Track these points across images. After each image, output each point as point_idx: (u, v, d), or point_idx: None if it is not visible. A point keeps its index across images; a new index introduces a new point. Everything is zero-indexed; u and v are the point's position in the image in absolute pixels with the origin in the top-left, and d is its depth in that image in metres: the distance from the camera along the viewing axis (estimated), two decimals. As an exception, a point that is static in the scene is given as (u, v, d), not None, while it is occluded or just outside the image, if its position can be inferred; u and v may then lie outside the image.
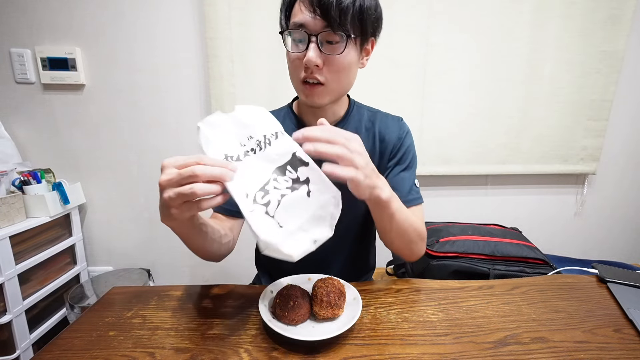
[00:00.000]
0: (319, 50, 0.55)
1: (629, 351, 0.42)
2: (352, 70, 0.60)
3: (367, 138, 0.69)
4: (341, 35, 0.54)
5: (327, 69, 0.57)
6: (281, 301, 0.47)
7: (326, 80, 0.58)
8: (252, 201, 0.43)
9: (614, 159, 1.51)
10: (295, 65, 0.58)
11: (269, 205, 0.43)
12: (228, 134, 0.47)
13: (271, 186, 0.45)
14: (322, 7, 0.52)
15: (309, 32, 0.54)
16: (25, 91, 1.34)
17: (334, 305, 0.46)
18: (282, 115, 0.72)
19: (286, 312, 0.46)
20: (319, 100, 0.60)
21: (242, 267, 1.34)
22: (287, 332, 0.44)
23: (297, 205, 0.44)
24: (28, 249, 1.20)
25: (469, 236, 1.09)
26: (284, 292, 0.48)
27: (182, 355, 0.42)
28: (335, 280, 0.50)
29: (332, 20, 0.52)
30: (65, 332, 0.48)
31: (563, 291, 0.57)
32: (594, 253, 1.59)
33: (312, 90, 0.59)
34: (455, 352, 0.42)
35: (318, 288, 0.48)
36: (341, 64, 0.57)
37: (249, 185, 0.44)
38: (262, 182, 0.45)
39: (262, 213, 0.42)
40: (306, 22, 0.54)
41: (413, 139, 0.72)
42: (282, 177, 0.46)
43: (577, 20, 1.32)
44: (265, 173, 0.46)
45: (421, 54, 1.35)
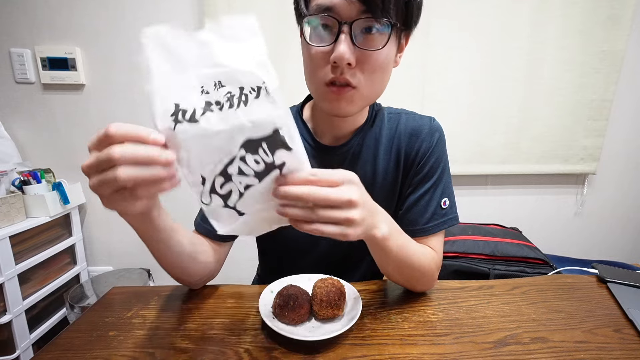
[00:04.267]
0: (352, 44, 0.42)
1: (629, 351, 0.42)
2: (388, 71, 0.48)
3: (388, 150, 0.58)
4: (384, 24, 0.42)
5: (360, 68, 0.44)
6: (281, 301, 0.47)
7: (359, 84, 0.45)
8: (209, 190, 0.34)
9: (614, 159, 1.51)
10: (317, 63, 0.45)
11: (229, 198, 0.35)
12: (187, 69, 0.33)
13: (235, 168, 0.34)
14: None
15: (340, 19, 0.42)
16: (25, 91, 1.34)
17: (333, 305, 0.46)
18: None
19: (286, 312, 0.46)
20: (348, 107, 0.48)
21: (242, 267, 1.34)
22: (287, 332, 0.44)
23: (264, 197, 0.36)
24: (28, 249, 1.20)
25: (469, 236, 1.09)
26: (284, 292, 0.48)
27: (182, 355, 0.42)
28: (335, 280, 0.49)
29: (373, 5, 0.40)
30: (65, 332, 0.48)
31: (563, 291, 0.57)
32: (594, 253, 1.59)
33: (340, 95, 0.46)
34: (455, 352, 0.42)
35: (318, 288, 0.48)
36: (379, 62, 0.45)
37: (206, 163, 0.33)
38: (224, 160, 0.34)
39: (220, 206, 0.36)
40: (337, 6, 0.41)
41: (445, 143, 0.59)
42: (252, 156, 0.34)
43: (577, 20, 1.32)
44: (230, 146, 0.33)
45: (421, 54, 1.35)
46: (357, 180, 0.37)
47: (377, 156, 0.58)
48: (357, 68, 0.44)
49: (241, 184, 0.35)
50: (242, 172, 0.34)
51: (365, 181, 0.54)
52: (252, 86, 0.33)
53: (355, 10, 0.41)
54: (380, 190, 0.58)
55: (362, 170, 0.58)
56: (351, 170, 0.51)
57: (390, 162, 0.58)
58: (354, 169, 0.54)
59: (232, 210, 0.36)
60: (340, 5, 0.41)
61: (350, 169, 0.54)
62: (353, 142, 0.57)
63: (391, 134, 0.59)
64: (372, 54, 0.44)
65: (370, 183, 0.57)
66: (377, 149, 0.58)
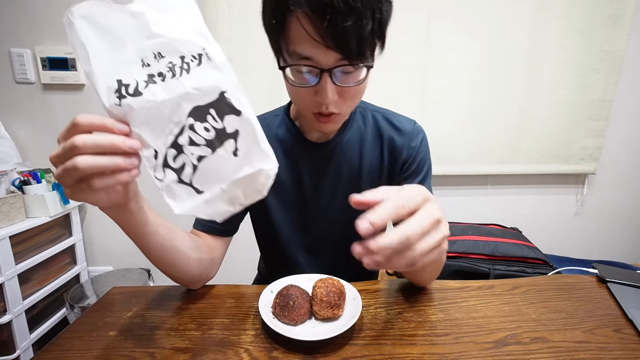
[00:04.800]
0: (334, 85, 0.45)
1: (629, 351, 0.42)
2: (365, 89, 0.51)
3: (374, 145, 0.62)
4: (361, 66, 0.44)
5: (342, 99, 0.48)
6: (281, 301, 0.47)
7: (341, 110, 0.50)
8: (162, 164, 0.34)
9: (614, 159, 1.51)
10: (303, 98, 0.49)
11: (182, 172, 0.34)
12: (124, 44, 0.32)
13: (186, 138, 0.33)
14: (336, 40, 0.40)
15: (320, 67, 0.43)
16: (25, 91, 1.35)
17: (333, 305, 0.46)
18: (278, 122, 0.63)
19: (286, 312, 0.46)
20: (335, 127, 0.53)
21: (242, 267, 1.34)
22: (287, 332, 0.44)
23: (221, 169, 0.35)
24: (28, 249, 1.20)
25: (469, 236, 1.09)
26: (283, 292, 0.48)
27: (182, 355, 0.42)
28: (335, 280, 0.50)
29: (349, 52, 0.42)
30: (65, 332, 0.48)
31: (563, 291, 0.57)
32: (594, 253, 1.59)
33: (327, 122, 0.50)
34: (455, 352, 0.42)
35: (318, 288, 0.48)
36: (359, 91, 0.49)
37: (157, 135, 0.33)
38: (174, 130, 0.33)
39: (174, 182, 0.34)
40: (315, 55, 0.42)
41: (428, 144, 0.64)
42: (202, 124, 0.33)
43: (577, 20, 1.32)
44: (177, 115, 0.33)
45: (421, 54, 1.35)
46: (427, 192, 0.33)
47: (363, 151, 0.62)
48: (340, 100, 0.48)
49: (193, 155, 0.34)
50: (193, 142, 0.34)
51: (352, 174, 0.60)
52: (192, 54, 0.33)
53: (333, 58, 0.43)
54: (366, 183, 0.62)
55: (349, 164, 0.61)
56: (338, 164, 0.58)
57: (375, 157, 0.62)
58: (341, 162, 0.61)
59: (189, 187, 0.35)
60: (319, 55, 0.42)
61: (337, 163, 0.59)
62: (339, 138, 0.61)
63: (376, 131, 0.62)
64: (353, 87, 0.47)
65: (357, 177, 0.61)
66: (363, 144, 0.62)
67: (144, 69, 0.32)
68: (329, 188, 0.62)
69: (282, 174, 0.62)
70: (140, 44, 0.32)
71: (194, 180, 0.35)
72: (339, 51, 0.42)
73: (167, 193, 0.35)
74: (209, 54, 0.33)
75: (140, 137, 0.33)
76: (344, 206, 0.61)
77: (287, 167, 0.62)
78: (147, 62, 0.32)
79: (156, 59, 0.32)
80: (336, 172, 0.62)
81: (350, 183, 0.62)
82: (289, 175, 0.62)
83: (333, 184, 0.62)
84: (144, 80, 0.32)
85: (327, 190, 0.63)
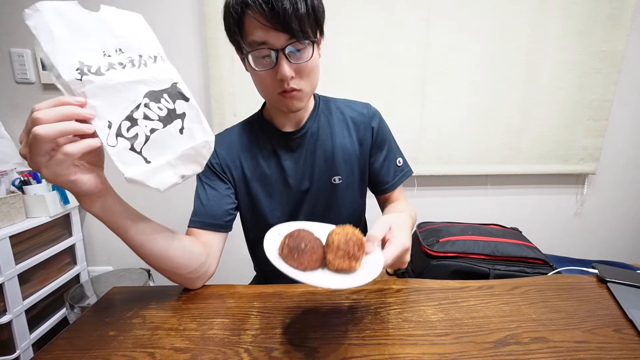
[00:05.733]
0: (289, 62, 0.55)
1: (629, 351, 0.42)
2: (318, 68, 0.62)
3: (342, 128, 0.71)
4: (306, 43, 0.55)
5: (299, 76, 0.58)
6: (291, 242, 0.41)
7: (301, 86, 0.59)
8: (115, 134, 0.38)
9: (614, 159, 1.51)
10: (267, 82, 0.58)
11: (135, 140, 0.39)
12: (89, 36, 0.38)
13: (141, 114, 0.39)
14: (280, 21, 0.51)
15: (274, 48, 0.53)
16: (25, 91, 1.34)
17: (351, 255, 0.40)
18: (256, 124, 0.72)
19: (295, 255, 0.40)
20: (300, 104, 0.61)
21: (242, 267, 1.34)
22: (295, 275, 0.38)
23: (168, 142, 0.41)
24: (28, 249, 1.20)
25: (469, 236, 1.09)
26: (295, 233, 0.42)
27: (182, 355, 0.42)
28: (356, 230, 0.43)
29: (294, 31, 0.52)
30: (65, 332, 0.48)
31: (563, 291, 0.57)
32: (594, 253, 1.59)
33: (292, 98, 0.59)
34: (455, 352, 0.42)
35: (335, 234, 0.42)
36: (311, 67, 0.58)
37: (112, 109, 0.37)
38: (129, 107, 0.38)
39: (126, 149, 0.38)
40: (269, 39, 0.53)
41: (384, 120, 0.74)
42: (156, 104, 0.40)
43: (577, 20, 1.32)
44: (134, 94, 0.39)
45: (421, 54, 1.35)
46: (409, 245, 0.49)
47: (333, 134, 0.70)
48: (297, 77, 0.58)
49: (147, 127, 0.39)
50: (147, 117, 0.39)
51: (326, 155, 0.70)
52: (149, 54, 0.41)
53: (283, 39, 0.53)
54: (342, 161, 0.70)
55: (323, 146, 0.70)
56: (313, 148, 0.69)
57: (344, 137, 0.71)
58: (315, 147, 0.70)
59: (139, 156, 0.39)
60: (271, 38, 0.53)
61: (312, 147, 0.70)
62: (309, 125, 0.70)
63: (340, 116, 0.72)
64: (305, 64, 0.57)
65: (331, 157, 0.70)
66: (332, 128, 0.71)
67: (105, 58, 0.38)
68: (308, 171, 0.70)
69: (266, 167, 0.69)
70: (102, 39, 0.38)
71: (144, 150, 0.39)
72: (285, 31, 0.52)
73: (119, 158, 0.38)
74: (163, 57, 0.42)
75: (94, 108, 0.37)
76: (323, 185, 0.71)
77: (269, 159, 0.69)
78: (108, 53, 0.38)
79: (117, 53, 0.39)
80: (312, 155, 0.70)
81: (326, 163, 0.70)
82: (271, 166, 0.69)
83: (311, 167, 0.70)
84: (106, 65, 0.37)
85: (307, 173, 0.70)
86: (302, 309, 0.52)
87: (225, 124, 1.32)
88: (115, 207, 0.46)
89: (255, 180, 0.69)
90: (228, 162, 0.69)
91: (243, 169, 0.69)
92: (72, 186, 0.40)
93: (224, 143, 0.70)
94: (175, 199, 1.40)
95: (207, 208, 0.64)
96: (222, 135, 0.72)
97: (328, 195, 0.71)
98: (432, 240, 1.09)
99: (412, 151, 1.43)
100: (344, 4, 1.29)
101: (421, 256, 1.08)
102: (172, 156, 0.41)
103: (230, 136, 0.71)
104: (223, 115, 1.36)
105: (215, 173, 0.68)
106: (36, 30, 0.34)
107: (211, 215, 0.64)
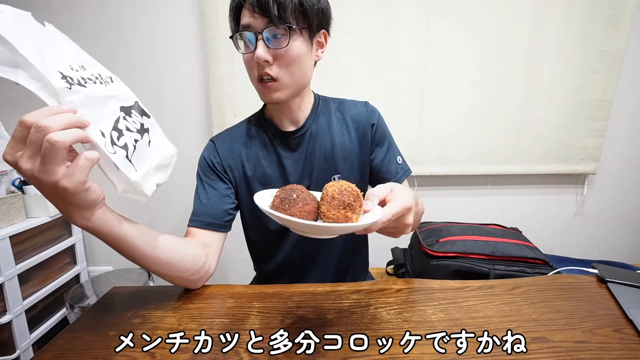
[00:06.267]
0: (266, 47, 0.56)
1: (629, 351, 0.42)
2: (304, 63, 0.60)
3: (341, 127, 0.71)
4: (284, 29, 0.55)
5: (277, 64, 0.58)
6: (283, 194, 0.39)
7: (278, 75, 0.58)
8: (111, 142, 0.39)
9: (614, 159, 1.51)
10: (250, 65, 0.59)
11: (127, 149, 0.41)
12: (54, 48, 0.38)
13: (123, 125, 0.41)
14: (260, 6, 0.54)
15: (255, 31, 0.56)
16: (26, 91, 1.34)
17: (347, 205, 0.38)
18: (257, 123, 0.72)
19: (287, 205, 0.38)
20: (276, 95, 0.60)
21: (242, 267, 1.34)
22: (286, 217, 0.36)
23: (145, 153, 0.44)
24: (28, 249, 1.20)
25: (469, 236, 1.09)
26: (287, 187, 0.41)
27: (182, 355, 0.42)
28: (351, 184, 0.41)
29: (272, 16, 0.54)
30: (65, 332, 0.48)
31: (563, 291, 0.57)
32: (594, 253, 1.59)
33: (267, 88, 0.59)
34: (455, 352, 0.42)
35: (329, 187, 0.40)
36: (290, 57, 0.57)
37: (101, 119, 0.39)
38: (112, 118, 0.40)
39: (123, 157, 0.40)
40: (251, 23, 0.56)
41: (383, 118, 0.75)
42: (130, 117, 0.43)
43: (577, 20, 1.32)
44: (112, 107, 0.41)
45: (421, 54, 1.35)
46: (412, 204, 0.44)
47: (333, 132, 0.71)
48: (275, 64, 0.58)
49: (131, 138, 0.42)
50: (128, 128, 0.42)
51: (326, 153, 0.70)
52: (106, 75, 0.44)
53: (262, 23, 0.55)
54: (342, 159, 0.70)
55: (322, 145, 0.70)
56: (313, 147, 0.69)
57: (344, 136, 0.71)
58: (315, 145, 0.70)
59: (130, 165, 0.41)
60: (253, 22, 0.56)
61: (312, 146, 0.70)
62: (309, 124, 0.70)
63: (339, 115, 0.72)
64: (283, 51, 0.56)
65: (331, 155, 0.70)
66: (331, 127, 0.71)
67: (74, 72, 0.38)
68: (308, 169, 0.70)
69: (267, 166, 0.69)
70: (66, 52, 0.39)
71: (133, 158, 0.41)
72: (264, 15, 0.54)
73: (122, 164, 0.40)
74: (113, 77, 0.44)
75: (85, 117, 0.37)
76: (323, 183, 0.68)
77: (269, 158, 0.69)
78: (74, 67, 0.38)
79: (81, 69, 0.39)
80: (312, 153, 0.69)
81: (326, 162, 0.70)
82: (272, 165, 0.69)
83: (311, 165, 0.70)
84: (81, 78, 0.38)
85: (307, 172, 0.70)
86: (302, 309, 0.52)
87: (225, 124, 1.32)
88: (112, 218, 0.45)
89: (256, 180, 0.69)
90: (230, 162, 0.69)
91: (244, 169, 0.69)
92: (85, 195, 0.38)
93: (226, 143, 0.70)
94: (175, 198, 1.40)
95: (207, 207, 0.64)
96: (223, 134, 0.72)
97: None
98: (432, 240, 1.09)
99: (412, 151, 1.43)
100: (344, 4, 1.29)
101: (421, 256, 1.08)
102: (149, 165, 0.44)
103: (231, 136, 0.71)
104: (223, 115, 1.36)
105: (216, 173, 0.68)
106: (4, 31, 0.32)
107: (211, 215, 0.64)
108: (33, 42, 0.35)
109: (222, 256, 0.66)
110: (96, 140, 0.37)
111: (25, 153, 0.35)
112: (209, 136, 1.37)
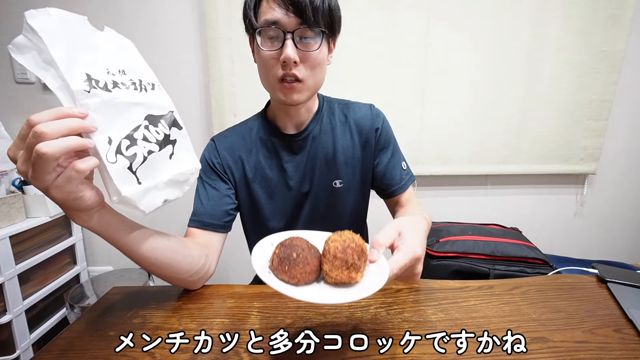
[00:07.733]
0: (295, 47, 0.55)
1: (629, 351, 0.42)
2: (324, 66, 0.61)
3: (344, 131, 0.70)
4: (317, 32, 0.55)
5: (303, 66, 0.57)
6: (282, 252, 0.36)
7: (304, 77, 0.58)
8: (116, 150, 0.38)
9: (614, 159, 1.51)
10: (270, 64, 0.57)
11: (134, 160, 0.39)
12: (94, 51, 0.38)
13: (140, 134, 0.40)
14: (295, 5, 0.52)
15: (284, 29, 0.54)
16: (25, 91, 1.35)
17: (350, 265, 0.35)
18: (258, 124, 0.71)
19: (286, 267, 0.35)
20: (299, 97, 0.59)
21: (242, 267, 1.34)
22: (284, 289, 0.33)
23: (160, 166, 0.42)
24: (28, 249, 1.20)
25: (469, 236, 1.09)
26: (287, 242, 0.38)
27: (182, 355, 0.42)
28: (355, 236, 0.38)
29: (307, 18, 0.53)
30: (65, 332, 0.48)
31: (563, 291, 0.57)
32: (594, 253, 1.59)
33: (291, 88, 0.58)
34: (455, 352, 0.42)
35: (331, 242, 0.37)
36: (317, 60, 0.58)
37: (114, 126, 0.38)
38: (130, 126, 0.39)
39: (124, 167, 0.38)
40: (281, 20, 0.53)
41: (388, 122, 0.73)
42: (154, 127, 0.41)
43: (577, 20, 1.32)
44: (135, 115, 0.40)
45: (421, 54, 1.35)
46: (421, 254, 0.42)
47: (335, 136, 0.69)
48: (301, 65, 0.57)
49: (145, 149, 0.40)
50: (146, 138, 0.40)
51: (328, 157, 0.69)
52: (148, 81, 0.43)
53: (294, 22, 0.54)
54: (344, 164, 0.70)
55: (324, 149, 0.69)
56: (315, 150, 0.68)
57: (346, 140, 0.70)
58: (317, 149, 0.69)
59: (133, 176, 0.40)
60: (283, 19, 0.53)
61: (314, 149, 0.69)
62: (312, 127, 0.69)
63: (343, 118, 0.71)
64: (311, 54, 0.56)
65: (332, 159, 0.69)
66: (334, 131, 0.70)
67: (109, 75, 0.38)
68: (309, 173, 0.69)
69: (267, 168, 0.69)
70: (107, 57, 0.39)
71: (139, 170, 0.40)
72: (298, 15, 0.53)
73: (117, 176, 0.38)
74: (160, 85, 0.44)
75: (95, 122, 0.37)
76: (323, 188, 0.70)
77: (270, 161, 0.69)
78: (112, 72, 0.39)
79: (120, 73, 0.40)
80: (314, 157, 0.69)
81: (327, 166, 0.69)
82: (273, 168, 0.69)
83: (312, 169, 0.69)
84: (111, 83, 0.38)
85: (308, 175, 0.69)
86: (302, 309, 0.52)
87: (225, 124, 1.32)
88: (111, 220, 0.45)
89: (256, 181, 0.69)
90: (230, 161, 0.68)
91: (244, 169, 0.69)
92: (78, 203, 0.38)
93: (226, 142, 0.70)
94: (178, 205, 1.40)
95: (207, 208, 0.64)
96: (224, 134, 0.72)
97: (328, 199, 0.71)
98: (432, 240, 1.10)
99: (412, 151, 1.43)
100: (345, 4, 1.28)
101: (421, 256, 1.08)
102: (160, 179, 0.42)
103: (232, 135, 0.71)
104: (223, 115, 1.36)
105: (216, 173, 0.68)
106: (43, 33, 0.34)
107: (211, 215, 0.64)
108: (68, 44, 0.35)
109: (223, 256, 0.66)
110: (98, 147, 0.36)
111: (22, 155, 0.35)
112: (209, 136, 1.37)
